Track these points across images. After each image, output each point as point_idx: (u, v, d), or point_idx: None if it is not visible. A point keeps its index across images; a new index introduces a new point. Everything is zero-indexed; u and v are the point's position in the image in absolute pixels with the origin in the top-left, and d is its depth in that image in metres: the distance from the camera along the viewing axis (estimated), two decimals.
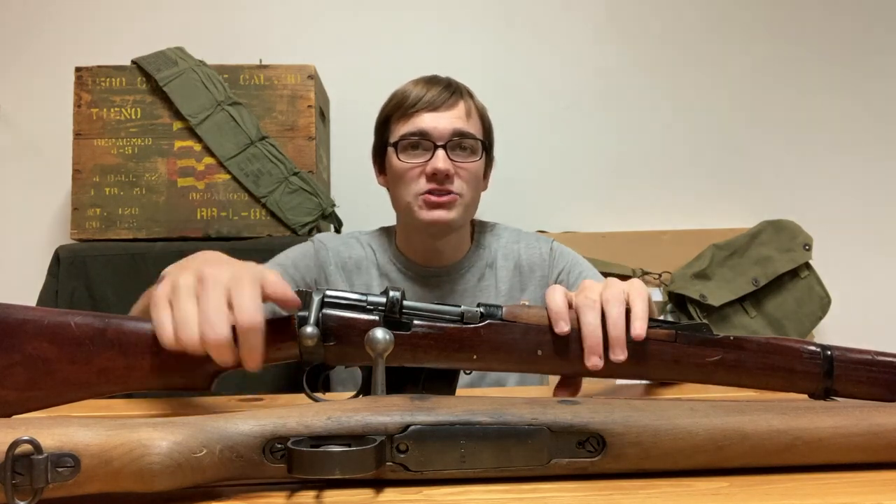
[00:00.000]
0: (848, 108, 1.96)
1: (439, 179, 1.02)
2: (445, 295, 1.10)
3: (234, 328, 0.52)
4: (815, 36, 1.96)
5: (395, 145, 1.05)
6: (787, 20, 1.96)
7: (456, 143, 1.04)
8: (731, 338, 0.59)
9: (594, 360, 0.58)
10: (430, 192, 1.03)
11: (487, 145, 1.11)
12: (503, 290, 1.11)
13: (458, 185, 1.04)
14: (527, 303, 1.10)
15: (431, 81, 1.09)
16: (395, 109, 1.08)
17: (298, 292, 0.57)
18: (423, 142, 1.04)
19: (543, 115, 1.91)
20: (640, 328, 0.58)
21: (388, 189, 1.13)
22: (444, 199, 1.03)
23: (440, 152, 1.02)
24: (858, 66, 1.96)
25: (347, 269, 1.11)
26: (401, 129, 1.06)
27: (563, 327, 0.58)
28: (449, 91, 1.07)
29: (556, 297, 0.60)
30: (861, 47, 1.96)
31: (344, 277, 1.10)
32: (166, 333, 0.52)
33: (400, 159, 1.05)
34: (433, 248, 1.10)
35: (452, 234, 1.09)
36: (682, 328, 0.59)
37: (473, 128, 1.07)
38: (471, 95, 1.11)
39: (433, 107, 1.05)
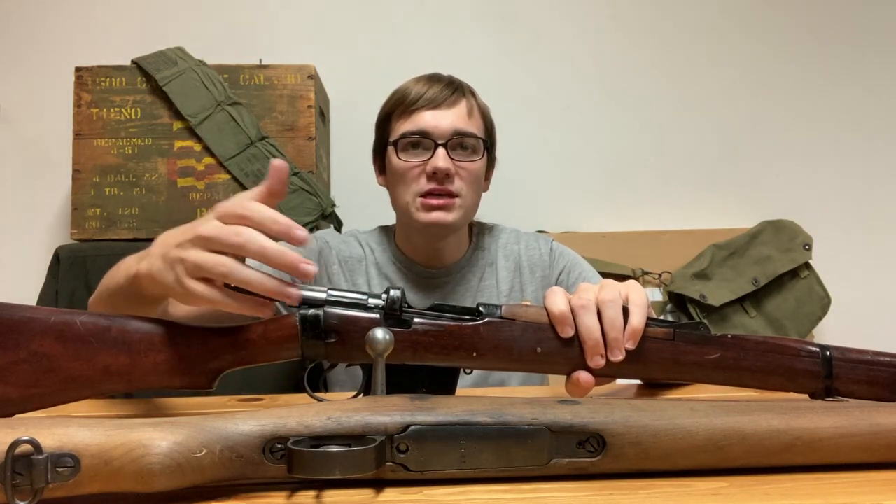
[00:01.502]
0: (848, 108, 1.96)
1: (439, 178, 1.01)
2: (447, 295, 1.10)
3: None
4: (815, 36, 1.96)
5: (395, 143, 1.05)
6: (787, 20, 1.96)
7: (457, 141, 1.03)
8: (730, 336, 0.59)
9: (597, 360, 0.58)
10: (429, 192, 1.02)
11: (489, 145, 1.10)
12: (504, 291, 1.11)
13: (457, 186, 1.03)
14: (528, 303, 1.09)
15: (433, 79, 1.08)
16: (396, 107, 1.07)
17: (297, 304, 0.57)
18: (423, 140, 1.03)
19: (543, 115, 1.91)
20: (637, 320, 0.58)
21: (387, 189, 1.13)
22: (443, 201, 1.02)
23: (440, 151, 1.01)
24: (859, 66, 1.96)
25: (349, 268, 1.10)
26: (401, 128, 1.05)
27: (568, 332, 0.59)
28: (451, 89, 1.06)
29: (558, 301, 0.60)
30: (861, 47, 1.96)
31: (346, 277, 1.10)
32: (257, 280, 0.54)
33: (400, 158, 1.04)
34: (432, 249, 1.09)
35: (451, 236, 1.08)
36: (681, 327, 0.60)
37: (475, 126, 1.06)
38: (473, 94, 1.10)
39: (434, 104, 1.04)
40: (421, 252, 1.10)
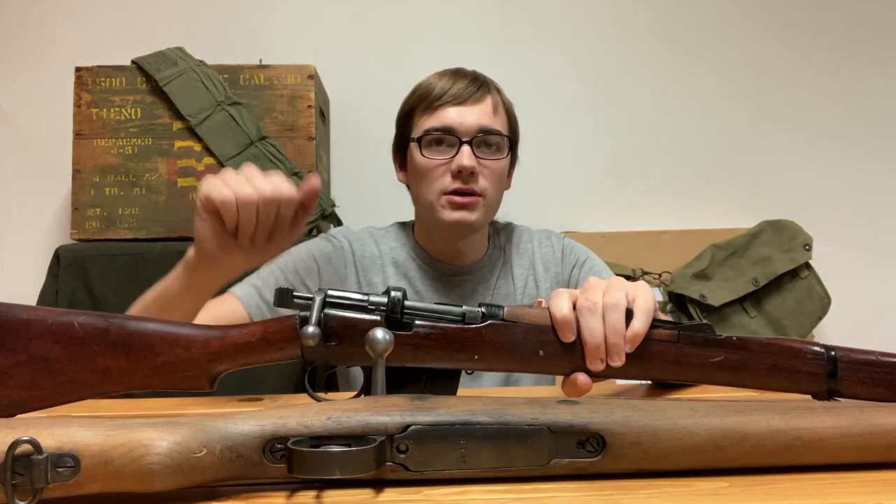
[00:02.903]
0: (848, 108, 1.96)
1: (464, 177, 0.99)
2: (466, 294, 1.08)
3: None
4: (814, 36, 1.96)
5: (418, 140, 1.02)
6: (786, 21, 1.96)
7: (482, 139, 1.01)
8: (735, 338, 0.59)
9: (596, 364, 0.58)
10: (454, 191, 1.00)
11: (513, 142, 1.08)
12: (519, 289, 1.11)
13: (482, 185, 1.01)
14: (542, 301, 1.09)
15: (458, 74, 1.05)
16: (419, 102, 1.04)
17: (298, 296, 0.57)
18: (447, 137, 1.00)
19: (543, 115, 1.91)
20: (639, 325, 0.58)
21: (407, 186, 1.11)
22: (468, 199, 1.00)
23: (465, 149, 0.99)
24: (858, 66, 1.96)
25: (363, 267, 1.09)
26: (425, 124, 1.02)
27: (569, 337, 0.58)
28: (476, 85, 1.03)
29: (562, 305, 0.59)
30: (862, 47, 1.96)
31: (359, 278, 1.08)
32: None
33: (424, 155, 1.02)
34: (454, 248, 1.08)
35: (474, 235, 1.07)
36: (685, 329, 0.59)
37: (500, 124, 1.04)
38: (498, 90, 1.07)
39: (459, 100, 1.01)
40: (442, 250, 1.09)
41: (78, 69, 1.56)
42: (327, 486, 0.43)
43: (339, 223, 1.66)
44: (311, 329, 0.54)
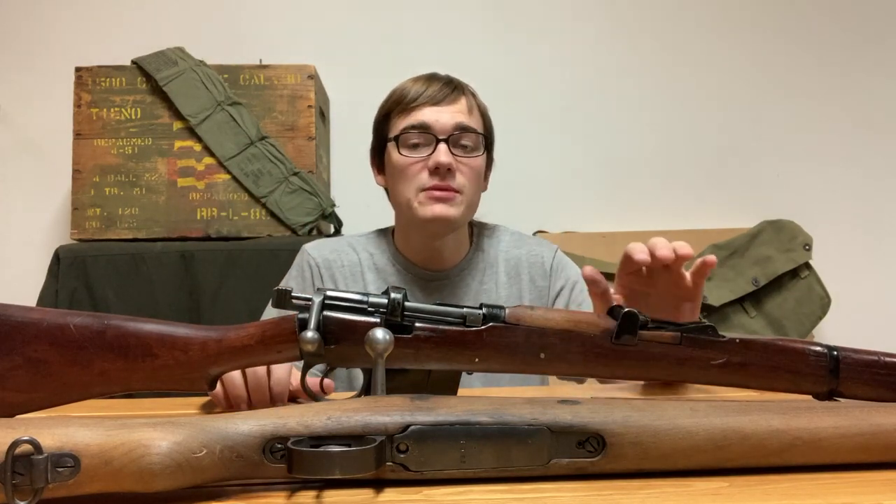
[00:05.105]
0: (848, 108, 1.96)
1: (441, 174, 1.01)
2: (446, 298, 1.09)
3: None
4: (814, 37, 1.96)
5: (395, 139, 1.04)
6: (786, 22, 1.96)
7: (458, 137, 1.03)
8: (738, 340, 0.58)
9: (640, 251, 0.79)
10: (432, 187, 1.02)
11: (489, 142, 1.10)
12: (502, 295, 1.11)
13: (459, 182, 1.03)
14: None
15: (432, 78, 1.08)
16: (395, 105, 1.06)
17: (295, 297, 0.57)
18: (424, 135, 1.03)
19: (543, 115, 1.91)
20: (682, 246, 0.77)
21: (386, 189, 1.12)
22: (447, 193, 1.02)
23: (442, 146, 1.01)
24: (859, 66, 1.96)
25: (343, 277, 1.10)
26: (402, 124, 1.04)
27: (639, 255, 0.78)
28: (450, 87, 1.06)
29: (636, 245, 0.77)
30: (860, 48, 1.96)
31: (336, 287, 1.09)
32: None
33: (401, 153, 1.04)
34: (432, 249, 1.09)
35: (451, 234, 1.08)
36: (688, 330, 0.59)
37: (475, 123, 1.06)
38: (472, 93, 1.10)
39: (435, 101, 1.04)
40: (421, 253, 1.10)
41: (78, 69, 1.56)
42: (327, 486, 0.43)
43: (339, 223, 1.66)
44: (310, 334, 0.54)
